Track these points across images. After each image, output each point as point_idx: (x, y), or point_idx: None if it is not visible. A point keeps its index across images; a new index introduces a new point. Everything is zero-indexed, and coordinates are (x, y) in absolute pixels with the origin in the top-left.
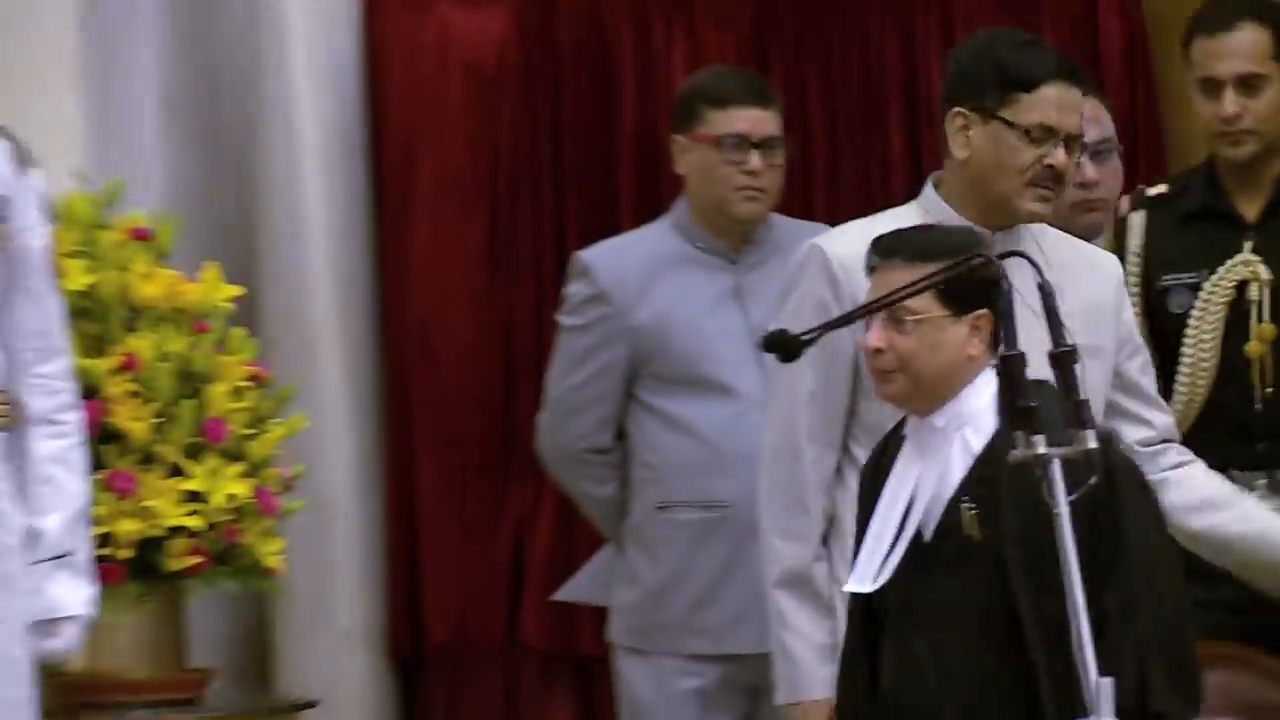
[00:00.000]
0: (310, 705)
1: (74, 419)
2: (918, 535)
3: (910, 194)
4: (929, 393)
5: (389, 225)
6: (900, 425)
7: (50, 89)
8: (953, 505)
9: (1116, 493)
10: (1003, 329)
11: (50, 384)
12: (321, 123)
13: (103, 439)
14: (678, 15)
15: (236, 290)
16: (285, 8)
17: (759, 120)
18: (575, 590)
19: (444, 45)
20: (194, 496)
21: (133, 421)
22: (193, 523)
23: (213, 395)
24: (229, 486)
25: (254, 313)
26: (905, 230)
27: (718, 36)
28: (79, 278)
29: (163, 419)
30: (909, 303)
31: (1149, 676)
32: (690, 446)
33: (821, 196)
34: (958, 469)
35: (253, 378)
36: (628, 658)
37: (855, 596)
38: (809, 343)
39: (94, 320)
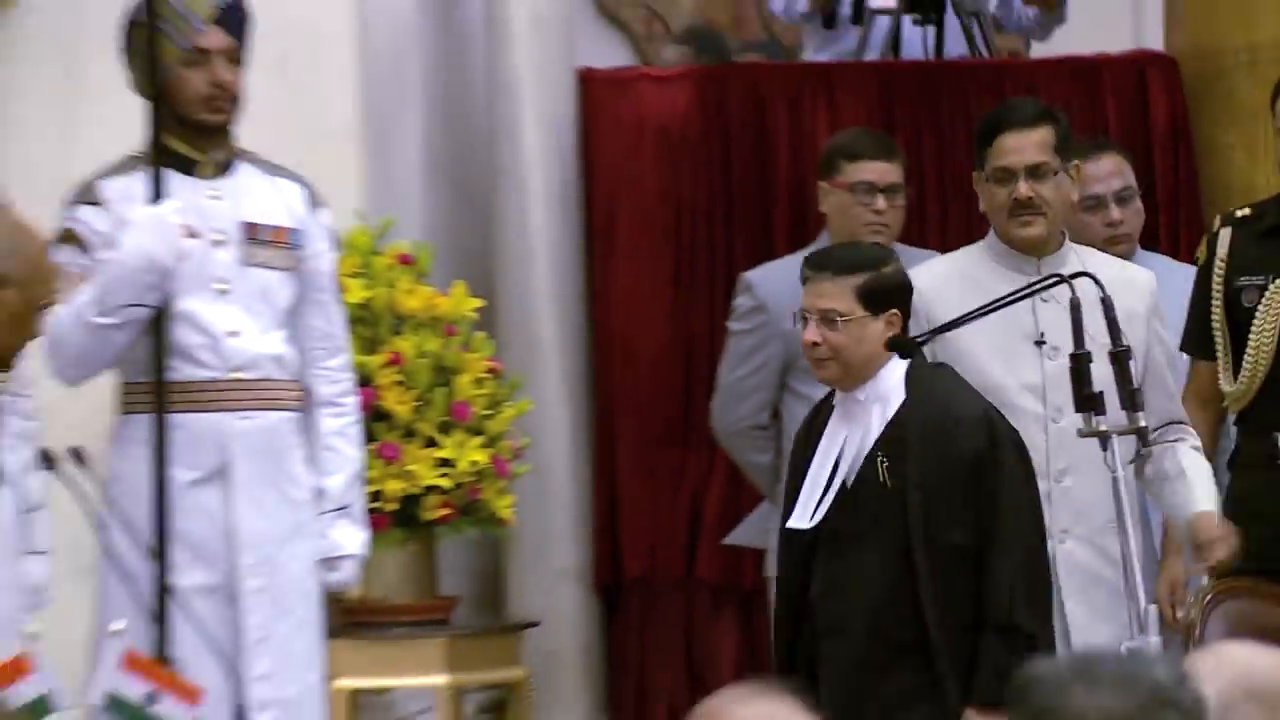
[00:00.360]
0: (533, 625)
1: (352, 402)
2: (843, 482)
3: None
4: (854, 375)
5: (597, 255)
6: (830, 397)
7: (338, 146)
8: (870, 459)
9: (997, 456)
10: (1073, 334)
11: (334, 375)
12: (545, 174)
13: (374, 418)
14: (820, 90)
15: (478, 303)
16: (519, 85)
17: (884, 171)
18: (739, 536)
19: (640, 115)
20: (444, 463)
21: (397, 404)
22: (443, 483)
23: (459, 384)
24: (472, 455)
25: (491, 321)
26: (830, 249)
27: (852, 106)
28: (358, 293)
29: (420, 402)
30: (837, 306)
31: (1015, 600)
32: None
33: (933, 230)
34: (873, 430)
35: (490, 371)
36: None
37: (794, 531)
38: (922, 344)
39: (368, 326)
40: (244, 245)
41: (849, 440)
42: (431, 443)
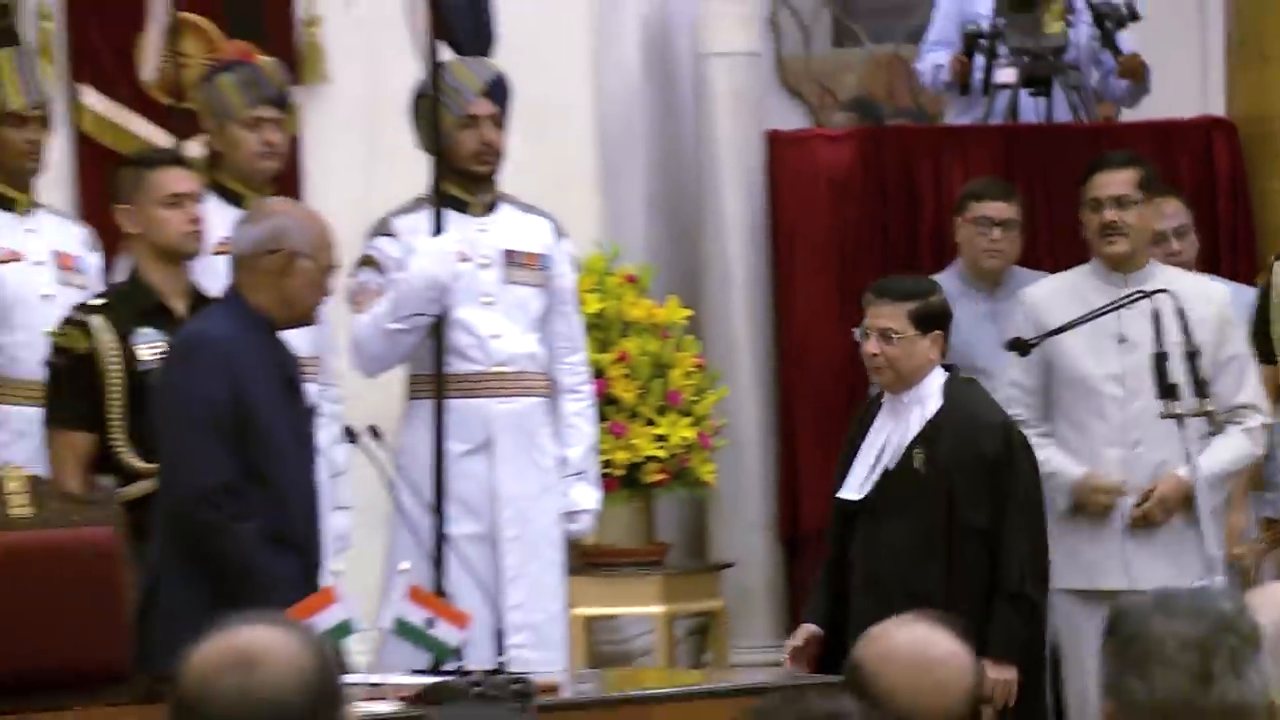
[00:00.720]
0: (728, 566)
1: (588, 390)
2: (885, 467)
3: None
4: (904, 382)
5: (780, 277)
6: (880, 396)
7: (579, 189)
8: (909, 450)
9: (1013, 458)
10: (1154, 337)
11: (574, 368)
12: (740, 213)
13: (606, 403)
14: (956, 147)
15: (687, 313)
16: (721, 143)
17: (1001, 209)
18: None
19: (814, 167)
20: (660, 438)
21: (624, 392)
22: (659, 453)
23: (672, 376)
24: (682, 432)
25: (698, 327)
26: (888, 280)
27: (980, 160)
28: (593, 305)
29: (642, 391)
30: (894, 325)
31: (1025, 574)
32: None
33: (1045, 256)
34: (914, 427)
35: (696, 366)
36: None
37: (842, 501)
38: (1035, 345)
39: (602, 331)
40: (505, 267)
41: (892, 433)
42: (650, 422)
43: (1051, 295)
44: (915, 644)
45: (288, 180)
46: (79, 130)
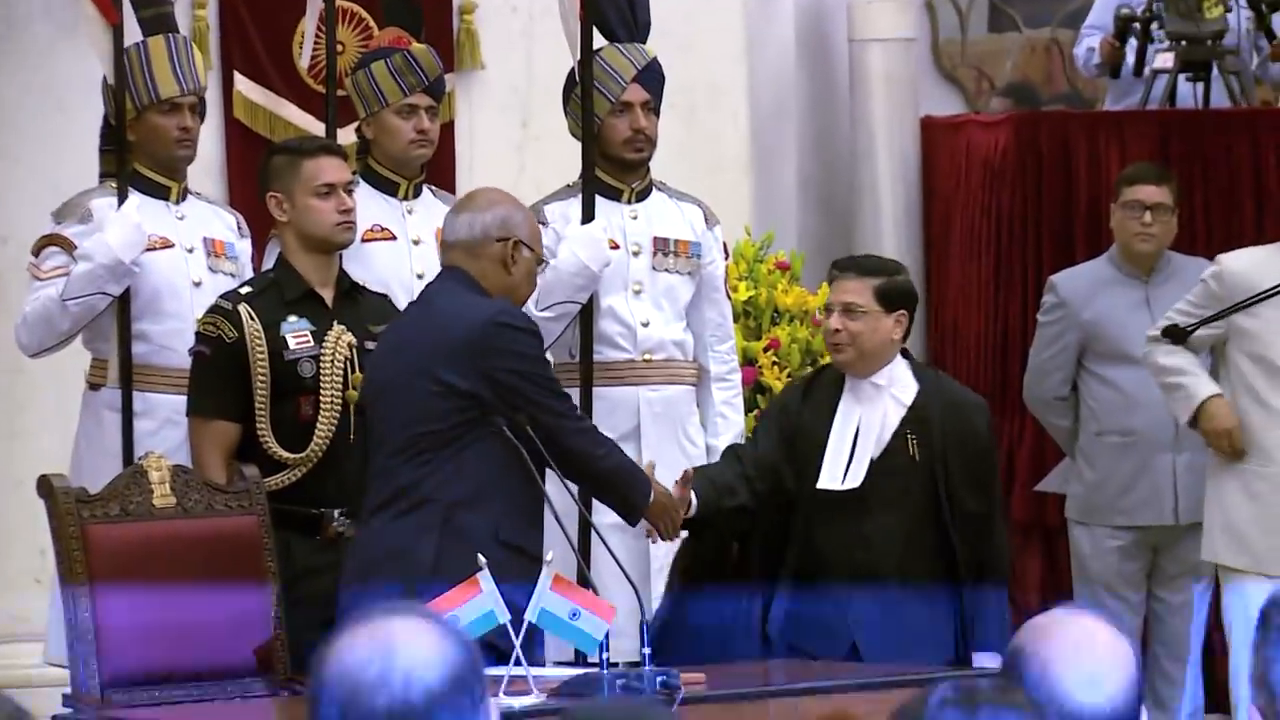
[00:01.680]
0: None
1: (737, 378)
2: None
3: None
4: (867, 361)
5: (933, 261)
6: (817, 377)
7: (731, 175)
8: (898, 435)
9: (991, 438)
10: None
11: (723, 356)
12: (894, 198)
13: (756, 391)
14: (1113, 133)
15: None
16: (876, 128)
17: (1152, 193)
18: (1046, 484)
19: (969, 150)
20: None
21: (774, 381)
22: None
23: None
24: None
25: None
26: (855, 256)
27: (1138, 145)
28: (744, 292)
29: (792, 379)
30: (858, 300)
31: (1009, 562)
32: (1115, 396)
33: (1200, 239)
34: (893, 412)
35: None
36: (1075, 527)
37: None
38: (1191, 332)
39: (752, 319)
40: (655, 255)
41: (866, 419)
42: None
43: (1255, 266)
44: (1081, 634)
45: (440, 168)
46: (231, 117)
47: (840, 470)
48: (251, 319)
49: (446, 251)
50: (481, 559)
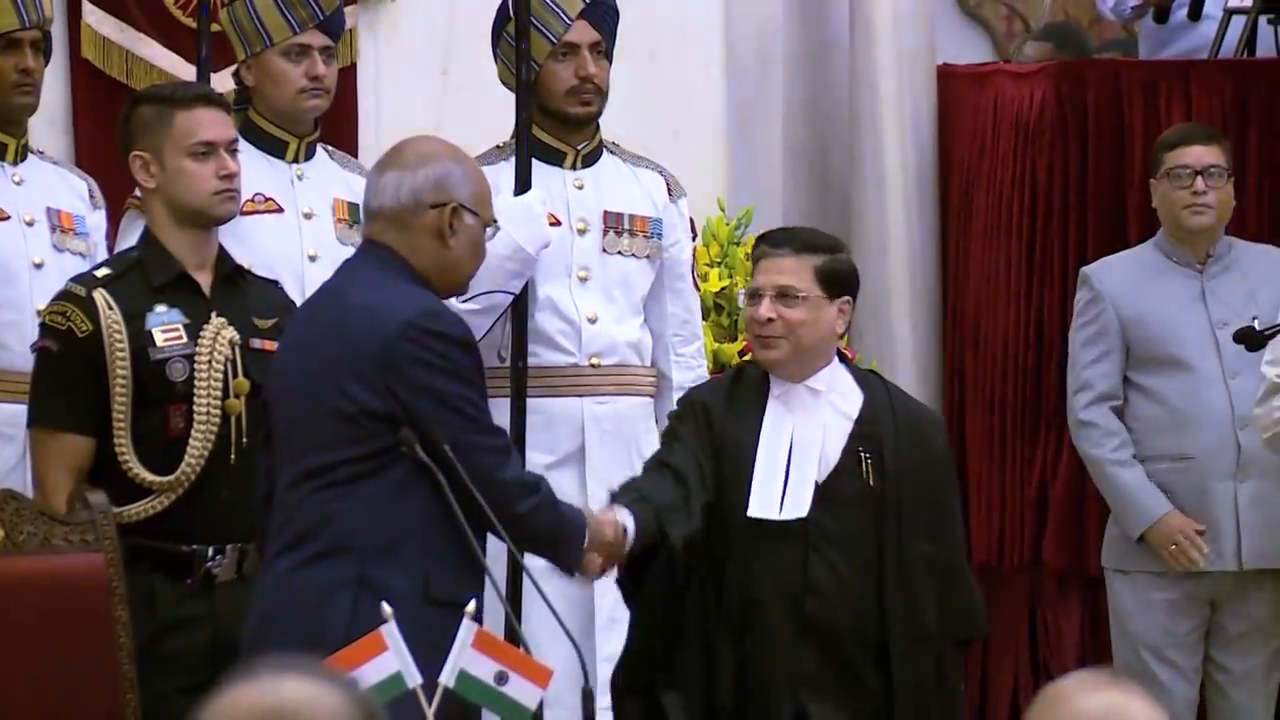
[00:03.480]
0: None
1: None
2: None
3: None
4: (803, 360)
5: (952, 243)
6: (738, 378)
7: (702, 137)
8: (849, 454)
9: (950, 460)
10: None
11: (688, 361)
12: (903, 166)
13: None
14: (1177, 84)
15: None
16: (881, 80)
17: (1203, 154)
18: None
19: (997, 107)
20: None
21: None
22: None
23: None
24: None
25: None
26: (789, 229)
27: (1207, 101)
28: (716, 282)
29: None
30: (796, 283)
31: (979, 607)
32: (1162, 413)
33: None
34: (836, 425)
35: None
36: (1114, 576)
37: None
38: (1270, 336)
39: (726, 314)
40: (606, 233)
41: (800, 431)
42: None
43: None
44: (1102, 711)
45: (339, 123)
46: (78, 57)
47: (775, 495)
48: (110, 308)
49: (369, 222)
50: (386, 608)
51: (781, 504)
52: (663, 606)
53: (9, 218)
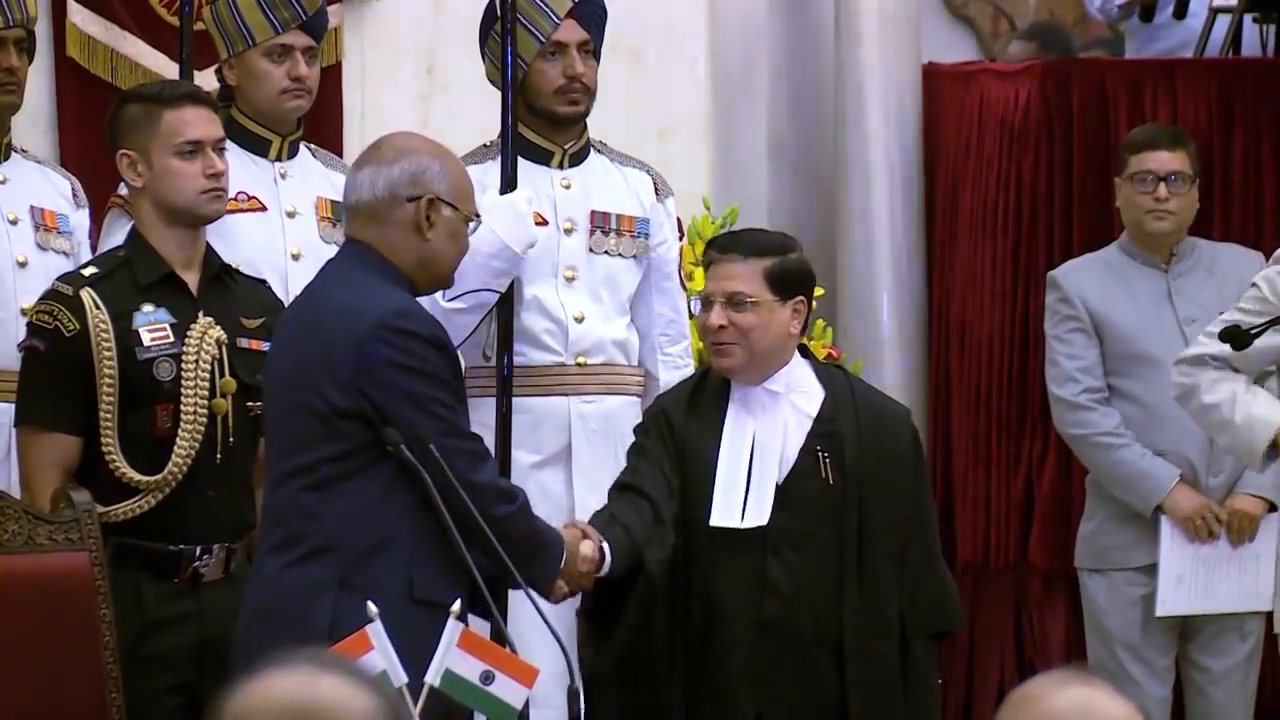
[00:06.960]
0: None
1: None
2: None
3: None
4: (759, 364)
5: (938, 242)
6: (702, 383)
7: (687, 136)
8: (806, 453)
9: (920, 454)
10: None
11: (675, 361)
12: (889, 165)
13: None
14: (1162, 83)
15: (819, 291)
16: (866, 79)
17: (1167, 160)
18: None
19: (982, 107)
20: None
21: None
22: None
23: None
24: None
25: (832, 309)
26: (736, 232)
27: (1192, 100)
28: (703, 282)
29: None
30: (746, 288)
31: (953, 601)
32: (1133, 410)
33: (1269, 219)
34: (796, 425)
35: (829, 356)
36: (1088, 576)
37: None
38: (1256, 336)
39: None
40: (593, 233)
41: (761, 434)
42: None
43: None
44: (1071, 709)
45: (324, 122)
46: (63, 56)
47: (737, 503)
48: (97, 308)
49: (348, 219)
50: (372, 608)
51: (743, 512)
52: (630, 640)
53: None
